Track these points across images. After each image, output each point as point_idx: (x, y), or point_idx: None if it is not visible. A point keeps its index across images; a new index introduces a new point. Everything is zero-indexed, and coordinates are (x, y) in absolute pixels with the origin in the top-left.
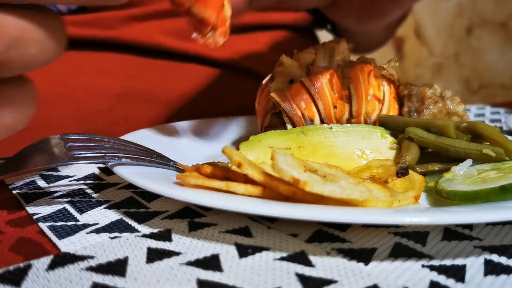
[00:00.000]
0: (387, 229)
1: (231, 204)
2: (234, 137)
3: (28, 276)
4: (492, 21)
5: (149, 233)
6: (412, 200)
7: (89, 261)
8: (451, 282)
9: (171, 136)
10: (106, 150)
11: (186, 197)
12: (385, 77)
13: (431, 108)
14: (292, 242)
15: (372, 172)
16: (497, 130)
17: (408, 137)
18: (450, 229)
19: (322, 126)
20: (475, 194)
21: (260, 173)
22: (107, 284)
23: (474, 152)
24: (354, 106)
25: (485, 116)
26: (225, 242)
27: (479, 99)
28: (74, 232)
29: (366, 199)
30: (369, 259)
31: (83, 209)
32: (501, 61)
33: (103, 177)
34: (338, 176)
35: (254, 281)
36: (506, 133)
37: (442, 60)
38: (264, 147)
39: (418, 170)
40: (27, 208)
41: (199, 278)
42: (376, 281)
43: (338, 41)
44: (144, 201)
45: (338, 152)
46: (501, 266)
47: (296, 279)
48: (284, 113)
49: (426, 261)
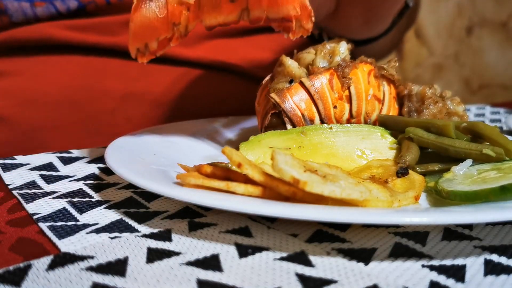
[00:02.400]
0: (387, 229)
1: (231, 204)
2: (234, 137)
3: (28, 276)
4: (492, 21)
5: (149, 233)
6: (412, 200)
7: (89, 261)
8: (451, 282)
9: (171, 136)
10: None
11: (186, 197)
12: (385, 77)
13: (431, 108)
14: (292, 242)
15: (372, 172)
16: (497, 130)
17: (408, 137)
18: (450, 229)
19: (322, 126)
20: (475, 194)
21: (260, 173)
22: (107, 284)
23: (474, 152)
24: (354, 106)
25: (485, 116)
26: (225, 242)
27: (479, 99)
28: (74, 232)
29: (366, 199)
30: (369, 259)
31: (83, 209)
32: (501, 61)
33: (103, 177)
34: (338, 176)
35: (254, 281)
36: (506, 133)
37: (442, 60)
38: (264, 147)
39: (418, 170)
40: (27, 208)
41: (199, 278)
42: (376, 281)
43: (338, 41)
44: (144, 201)
45: (338, 152)
46: (501, 266)
47: (296, 279)
48: (284, 113)
49: (426, 261)
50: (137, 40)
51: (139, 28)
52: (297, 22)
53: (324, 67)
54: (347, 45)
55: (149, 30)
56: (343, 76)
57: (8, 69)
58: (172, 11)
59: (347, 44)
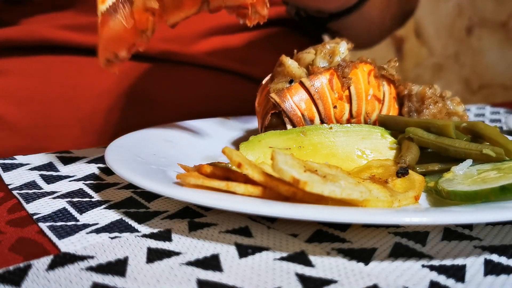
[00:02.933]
0: (387, 229)
1: (231, 204)
2: (234, 137)
3: (28, 276)
4: (492, 21)
5: (149, 233)
6: (412, 200)
7: (89, 261)
8: (451, 282)
9: (171, 136)
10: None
11: (186, 197)
12: (385, 77)
13: (431, 108)
14: (292, 242)
15: (372, 172)
16: (497, 130)
17: (408, 137)
18: (450, 229)
19: (322, 126)
20: (475, 194)
21: (260, 173)
22: (107, 284)
23: (474, 152)
24: (354, 106)
25: (485, 116)
26: (225, 242)
27: (479, 99)
28: (74, 232)
29: (366, 199)
30: (369, 259)
31: (83, 209)
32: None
33: (103, 177)
34: (338, 176)
35: (254, 281)
36: (506, 133)
37: (442, 60)
38: (264, 147)
39: (418, 170)
40: (27, 208)
41: (199, 278)
42: (376, 281)
43: (338, 41)
44: (144, 201)
45: (338, 152)
46: (501, 266)
47: (296, 279)
48: (284, 113)
49: (426, 261)
50: (107, 52)
51: (108, 41)
52: (252, 8)
53: (324, 67)
54: (347, 45)
55: (118, 41)
56: (343, 76)
57: (4, 69)
58: (139, 20)
59: (347, 44)
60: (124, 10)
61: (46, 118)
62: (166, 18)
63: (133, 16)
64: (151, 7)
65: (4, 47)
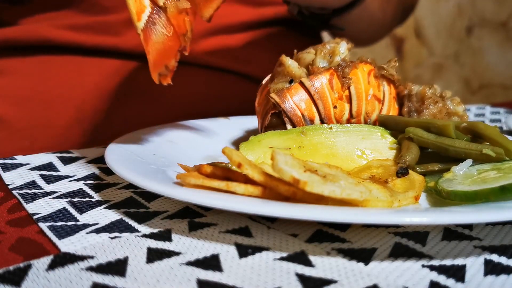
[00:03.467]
0: (387, 229)
1: (231, 204)
2: (234, 137)
3: (28, 276)
4: (492, 21)
5: (149, 233)
6: (412, 200)
7: (89, 261)
8: (451, 282)
9: (171, 136)
10: None
11: (186, 197)
12: (385, 77)
13: (431, 108)
14: (292, 242)
15: (372, 172)
16: (497, 130)
17: (408, 137)
18: (450, 229)
19: (322, 126)
20: (475, 194)
21: (260, 173)
22: (107, 284)
23: (474, 152)
24: (354, 106)
25: (485, 116)
26: (225, 242)
27: (479, 99)
28: (74, 232)
29: (366, 199)
30: (369, 259)
31: (83, 209)
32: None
33: (103, 177)
34: (338, 176)
35: (254, 281)
36: (506, 133)
37: (442, 60)
38: (264, 147)
39: (418, 170)
40: (27, 208)
41: (199, 278)
42: (376, 281)
43: (338, 41)
44: (144, 201)
45: (338, 152)
46: (501, 266)
47: (296, 279)
48: (284, 113)
49: (426, 261)
50: (158, 67)
51: (157, 56)
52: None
53: (324, 67)
54: (347, 45)
55: (165, 53)
56: (343, 76)
57: (4, 69)
58: (177, 24)
59: (347, 44)
60: (161, 19)
61: (46, 118)
62: (201, 14)
63: (171, 22)
64: (184, 8)
65: (3, 47)
